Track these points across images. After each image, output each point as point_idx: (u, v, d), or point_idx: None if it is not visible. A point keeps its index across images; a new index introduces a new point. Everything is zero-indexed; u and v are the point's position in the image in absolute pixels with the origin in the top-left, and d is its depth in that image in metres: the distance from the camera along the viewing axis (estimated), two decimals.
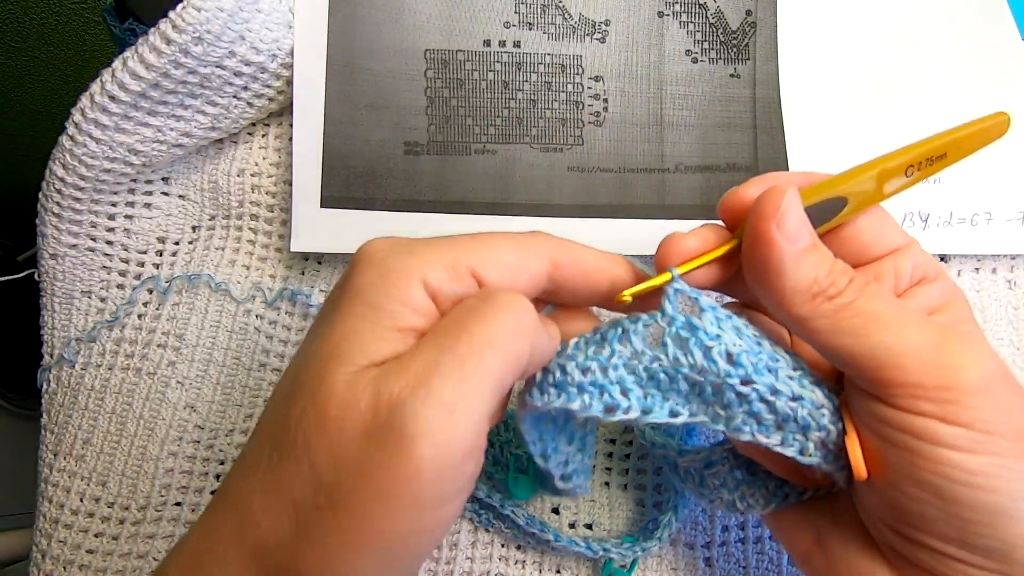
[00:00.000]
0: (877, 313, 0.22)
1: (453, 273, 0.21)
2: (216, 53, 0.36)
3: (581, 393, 0.23)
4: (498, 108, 0.40)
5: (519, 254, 0.23)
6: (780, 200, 0.23)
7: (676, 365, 0.23)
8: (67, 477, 0.37)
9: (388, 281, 0.21)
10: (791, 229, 0.23)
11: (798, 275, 0.23)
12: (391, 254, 0.22)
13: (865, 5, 0.42)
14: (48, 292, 0.40)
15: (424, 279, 0.21)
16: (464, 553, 0.35)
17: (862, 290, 0.23)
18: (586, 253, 0.24)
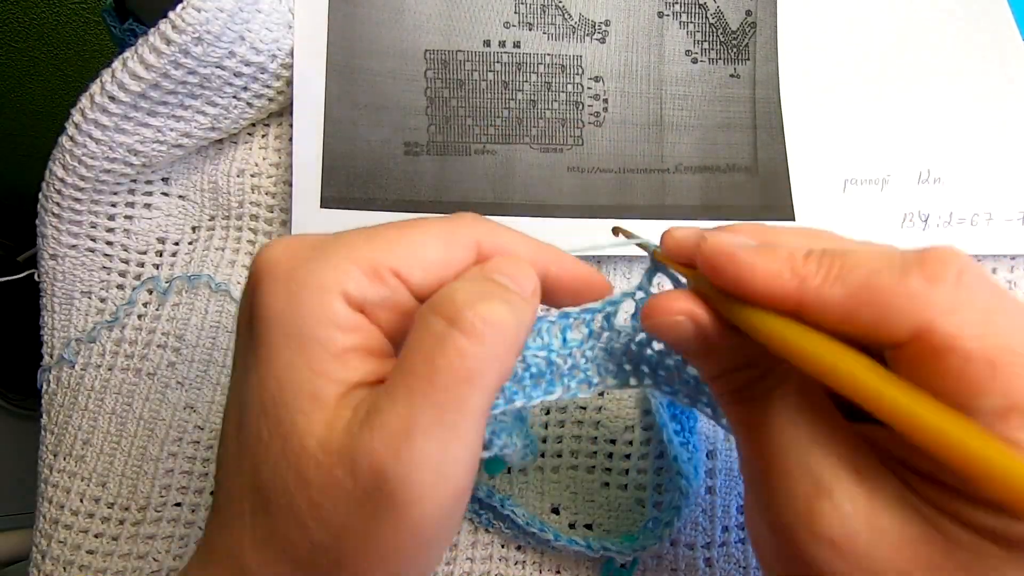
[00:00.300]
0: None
1: (373, 277, 0.19)
2: (216, 53, 0.36)
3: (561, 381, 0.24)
4: (498, 108, 0.40)
5: (444, 248, 0.20)
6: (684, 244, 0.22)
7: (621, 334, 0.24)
8: (67, 477, 0.37)
9: (302, 304, 0.18)
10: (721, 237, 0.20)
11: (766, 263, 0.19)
12: (297, 265, 0.19)
13: (865, 5, 0.42)
14: (48, 292, 0.40)
15: (343, 292, 0.19)
16: (464, 553, 0.35)
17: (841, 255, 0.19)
18: (517, 241, 0.22)
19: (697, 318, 0.21)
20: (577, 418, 0.37)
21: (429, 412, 0.17)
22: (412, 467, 0.17)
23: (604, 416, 0.37)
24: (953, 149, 0.40)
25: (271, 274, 0.19)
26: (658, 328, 0.21)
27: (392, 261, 0.19)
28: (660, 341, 0.24)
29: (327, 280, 0.18)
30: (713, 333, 0.21)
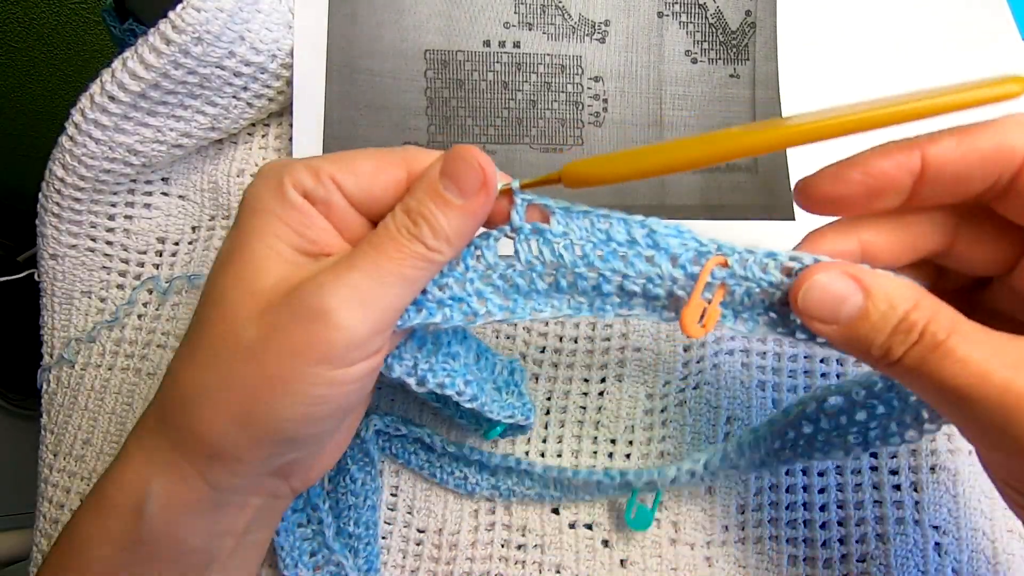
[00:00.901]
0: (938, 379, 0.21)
1: (314, 177, 0.24)
2: (216, 53, 0.36)
3: (441, 307, 0.26)
4: (498, 108, 0.40)
5: (374, 162, 0.25)
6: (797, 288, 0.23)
7: (529, 267, 0.26)
8: (67, 477, 0.37)
9: (262, 189, 0.24)
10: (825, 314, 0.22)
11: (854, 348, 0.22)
12: (268, 169, 0.25)
13: (865, 5, 0.42)
14: (48, 292, 0.40)
15: (292, 182, 0.24)
16: (464, 553, 0.35)
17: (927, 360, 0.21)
18: (432, 156, 0.26)
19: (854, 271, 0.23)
20: (577, 418, 0.37)
21: (370, 261, 0.23)
22: (343, 288, 0.22)
23: (604, 416, 0.37)
24: None
25: (255, 178, 0.25)
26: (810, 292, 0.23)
27: (331, 169, 0.24)
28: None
29: (281, 175, 0.24)
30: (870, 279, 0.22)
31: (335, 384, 0.23)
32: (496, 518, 0.36)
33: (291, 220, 0.24)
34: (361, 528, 0.34)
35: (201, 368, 0.24)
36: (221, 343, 0.23)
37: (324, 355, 0.22)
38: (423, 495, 0.36)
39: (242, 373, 0.23)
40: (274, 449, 0.24)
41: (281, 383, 0.23)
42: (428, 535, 0.35)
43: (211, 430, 0.24)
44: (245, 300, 0.23)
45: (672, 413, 0.36)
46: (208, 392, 0.24)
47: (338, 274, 0.23)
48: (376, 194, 0.25)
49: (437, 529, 0.35)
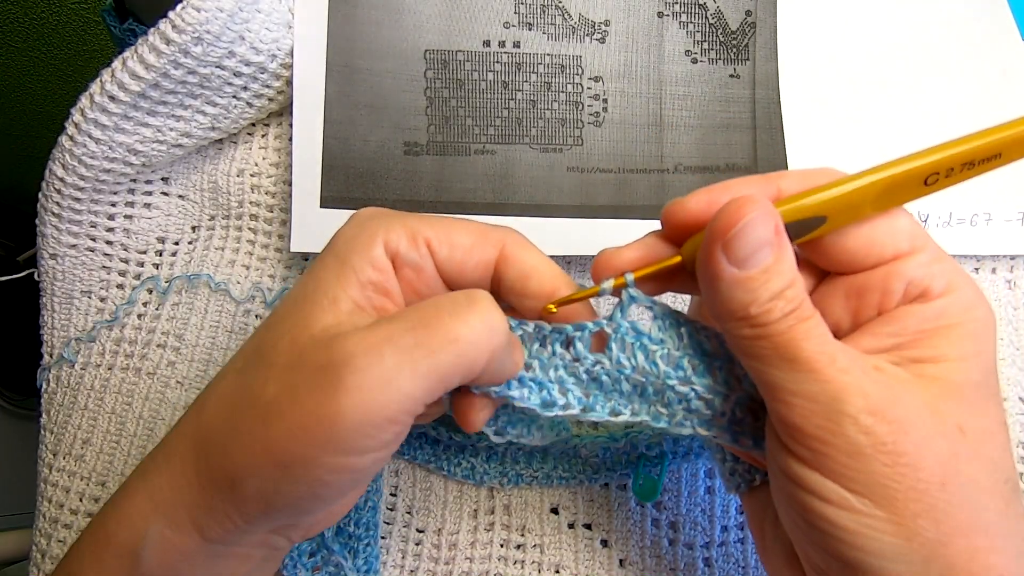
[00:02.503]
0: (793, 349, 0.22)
1: (410, 239, 0.24)
2: (216, 53, 0.36)
3: (520, 386, 0.25)
4: (498, 108, 0.40)
5: (474, 238, 0.25)
6: (734, 220, 0.22)
7: (619, 368, 0.25)
8: (67, 477, 0.37)
9: (352, 239, 0.24)
10: (740, 254, 0.22)
11: (732, 299, 0.22)
12: (367, 217, 0.25)
13: (865, 5, 0.42)
14: (48, 292, 0.40)
15: (385, 240, 0.24)
16: (464, 553, 0.35)
17: (793, 328, 0.22)
18: (537, 256, 0.25)
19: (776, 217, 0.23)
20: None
21: (409, 340, 0.21)
22: (368, 364, 0.20)
23: None
24: None
25: (350, 220, 0.25)
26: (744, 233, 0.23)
27: (428, 233, 0.24)
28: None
29: (377, 229, 0.24)
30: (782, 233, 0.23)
31: (341, 470, 0.22)
32: (496, 518, 0.36)
33: (363, 276, 0.23)
34: (361, 529, 0.34)
35: (226, 415, 0.23)
36: (247, 393, 0.23)
37: (329, 438, 0.21)
38: (423, 495, 0.36)
39: (254, 436, 0.22)
40: (266, 516, 0.23)
41: (287, 460, 0.21)
42: (428, 535, 0.35)
43: (210, 482, 0.23)
44: (284, 349, 0.22)
45: None
46: (224, 442, 0.23)
47: (377, 329, 0.21)
48: (467, 270, 0.25)
49: (437, 529, 0.35)
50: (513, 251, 0.25)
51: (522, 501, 0.36)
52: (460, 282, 0.25)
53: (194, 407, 0.25)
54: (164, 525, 0.23)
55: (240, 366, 0.24)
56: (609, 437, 0.34)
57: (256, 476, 0.22)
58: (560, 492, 0.36)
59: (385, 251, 0.24)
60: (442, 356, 0.21)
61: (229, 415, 0.23)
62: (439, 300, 0.23)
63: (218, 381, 0.24)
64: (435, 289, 0.25)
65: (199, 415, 0.24)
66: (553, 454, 0.35)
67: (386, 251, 0.24)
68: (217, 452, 0.23)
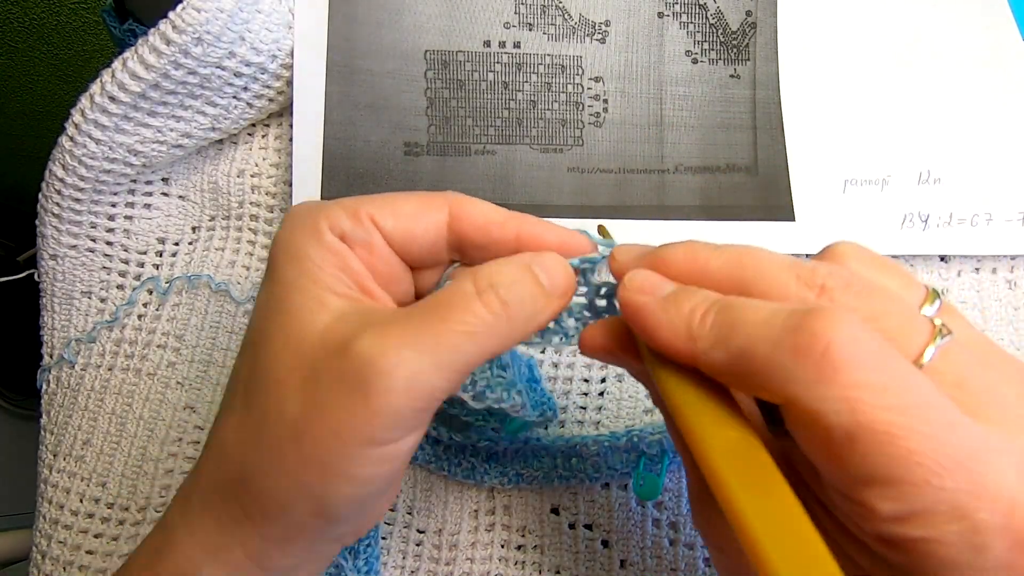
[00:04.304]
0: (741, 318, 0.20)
1: (353, 218, 0.23)
2: (216, 54, 0.36)
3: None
4: (498, 109, 0.40)
5: (417, 204, 0.24)
6: (624, 268, 0.23)
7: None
8: (67, 478, 0.37)
9: (299, 233, 0.23)
10: (640, 283, 0.22)
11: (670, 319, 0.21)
12: (302, 211, 0.24)
13: (865, 6, 0.42)
14: (48, 292, 0.40)
15: (329, 224, 0.23)
16: (464, 554, 0.35)
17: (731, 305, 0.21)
18: (490, 208, 0.25)
19: (614, 357, 0.24)
20: (577, 418, 0.37)
21: (427, 340, 0.21)
22: (394, 366, 0.20)
23: (604, 416, 0.37)
24: (953, 149, 0.40)
25: (288, 219, 0.24)
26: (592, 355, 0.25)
27: (370, 208, 0.24)
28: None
29: (318, 217, 0.23)
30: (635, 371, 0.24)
31: (383, 462, 0.22)
32: (496, 518, 0.36)
33: (328, 265, 0.23)
34: None
35: (251, 446, 0.22)
36: (266, 418, 0.22)
37: (368, 437, 0.21)
38: (423, 495, 0.36)
39: (288, 455, 0.22)
40: (323, 530, 0.23)
41: (323, 467, 0.21)
42: (428, 535, 0.35)
43: (262, 511, 0.22)
44: (292, 367, 0.22)
45: None
46: (260, 472, 0.22)
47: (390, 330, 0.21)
48: (416, 235, 0.24)
49: (437, 529, 0.35)
50: (463, 208, 0.24)
51: (523, 501, 0.36)
52: (413, 250, 0.24)
53: (209, 454, 0.24)
54: (218, 568, 0.23)
55: (241, 401, 0.23)
56: (610, 436, 0.34)
57: (303, 496, 0.22)
58: (560, 492, 0.36)
59: (332, 234, 0.23)
60: (463, 349, 0.21)
61: (255, 445, 0.22)
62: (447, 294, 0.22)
63: (224, 421, 0.24)
64: (390, 263, 0.24)
65: (220, 457, 0.23)
66: (553, 453, 0.35)
67: (333, 234, 0.23)
68: (256, 483, 0.22)
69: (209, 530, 0.23)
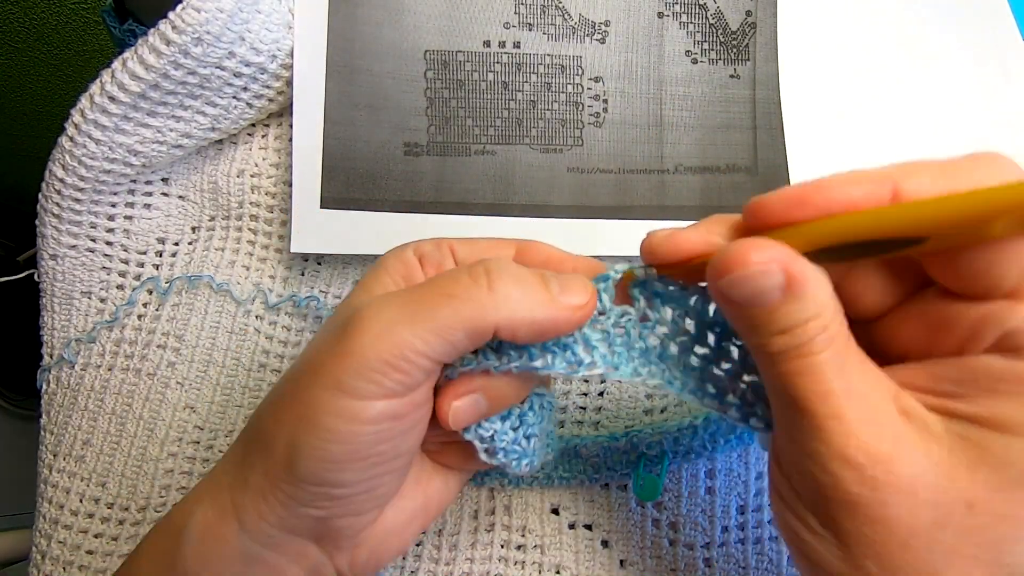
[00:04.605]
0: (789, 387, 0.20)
1: (436, 245, 0.27)
2: (216, 54, 0.36)
3: (543, 353, 0.24)
4: (498, 109, 0.40)
5: (493, 241, 0.28)
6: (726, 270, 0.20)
7: (644, 320, 0.24)
8: (66, 477, 0.37)
9: (392, 251, 0.28)
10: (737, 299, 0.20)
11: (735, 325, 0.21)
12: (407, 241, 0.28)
13: (865, 6, 0.42)
14: (48, 293, 0.40)
15: (415, 247, 0.28)
16: (464, 554, 0.35)
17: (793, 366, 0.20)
18: (556, 249, 0.28)
19: (789, 263, 0.20)
20: (577, 418, 0.37)
21: (407, 298, 0.23)
22: (373, 314, 0.23)
23: (604, 416, 0.37)
24: (953, 149, 0.40)
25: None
26: (741, 282, 0.20)
27: (452, 241, 0.28)
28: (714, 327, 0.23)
29: (410, 243, 0.28)
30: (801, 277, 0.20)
31: (347, 417, 0.23)
32: (496, 519, 0.36)
33: (393, 271, 0.27)
34: None
35: (270, 392, 0.26)
36: (289, 369, 0.26)
37: (336, 378, 0.23)
38: None
39: (284, 395, 0.24)
40: (292, 488, 0.24)
41: (301, 409, 0.23)
42: (428, 535, 0.35)
43: (252, 449, 0.25)
44: (326, 327, 0.26)
45: (672, 413, 0.36)
46: (264, 411, 0.25)
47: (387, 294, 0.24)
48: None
49: (437, 530, 0.35)
50: (530, 244, 0.28)
51: (522, 502, 0.36)
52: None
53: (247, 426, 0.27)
54: (208, 506, 0.25)
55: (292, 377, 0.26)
56: (610, 437, 0.34)
57: (281, 437, 0.24)
58: (561, 492, 0.36)
59: (413, 254, 0.27)
60: (438, 310, 0.23)
61: (272, 392, 0.26)
62: (446, 271, 0.26)
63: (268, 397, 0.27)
64: None
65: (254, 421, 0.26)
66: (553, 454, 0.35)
67: (415, 254, 0.27)
68: (256, 422, 0.25)
69: (214, 474, 0.26)
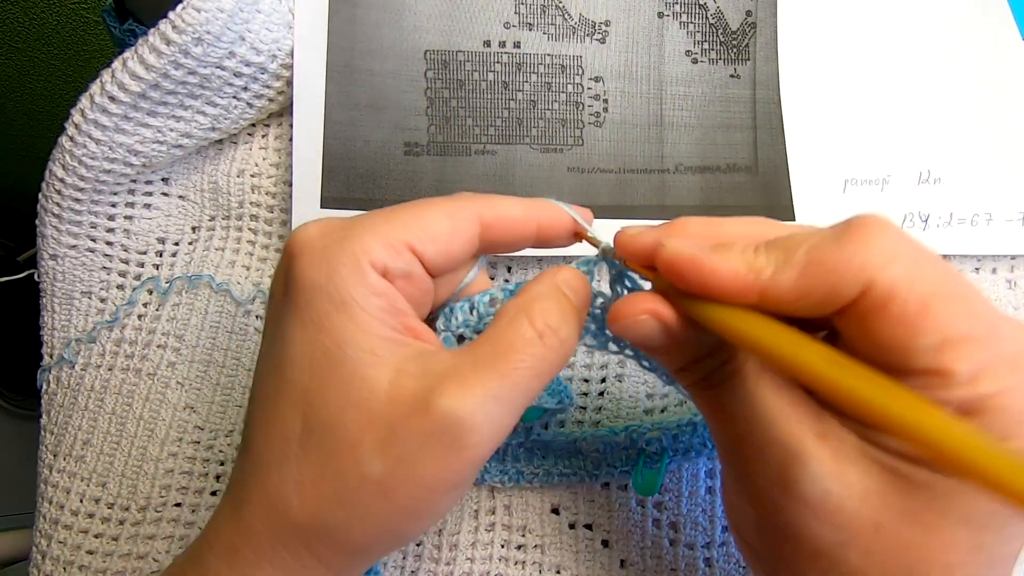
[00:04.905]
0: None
1: (392, 250, 0.23)
2: (216, 54, 0.36)
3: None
4: (498, 109, 0.40)
5: (450, 222, 0.24)
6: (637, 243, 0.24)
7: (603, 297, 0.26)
8: (67, 478, 0.37)
9: (339, 274, 0.22)
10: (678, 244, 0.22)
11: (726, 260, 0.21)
12: (329, 243, 0.23)
13: (865, 6, 0.42)
14: (48, 292, 0.40)
15: (371, 261, 0.22)
16: (464, 554, 0.35)
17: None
18: (512, 206, 0.25)
19: (661, 316, 0.23)
20: (577, 417, 0.37)
21: (504, 390, 0.22)
22: (481, 423, 0.21)
23: (604, 416, 0.37)
24: (953, 149, 0.40)
25: (308, 250, 0.23)
26: (624, 329, 0.23)
27: (406, 236, 0.23)
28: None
29: (357, 252, 0.22)
30: (677, 329, 0.23)
31: (460, 496, 0.24)
32: (496, 518, 0.36)
33: (376, 310, 0.22)
34: None
35: (333, 504, 0.22)
36: (345, 477, 0.22)
37: (457, 483, 0.23)
38: None
39: (374, 509, 0.22)
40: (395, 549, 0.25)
41: (413, 513, 0.23)
42: (428, 535, 0.35)
43: (343, 557, 0.23)
44: (363, 426, 0.22)
45: (672, 413, 0.36)
46: (346, 526, 0.22)
47: (468, 383, 0.22)
48: (454, 254, 0.24)
49: (437, 530, 0.35)
50: (491, 214, 0.25)
51: (523, 501, 0.36)
52: (447, 266, 0.25)
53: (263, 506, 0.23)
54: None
55: (300, 458, 0.22)
56: (609, 432, 0.34)
57: (389, 538, 0.23)
58: (561, 492, 0.36)
59: (375, 272, 0.22)
60: (533, 388, 0.23)
61: (337, 502, 0.22)
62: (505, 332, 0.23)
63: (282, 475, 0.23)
64: (426, 288, 0.24)
65: (284, 512, 0.22)
66: (553, 450, 0.35)
67: (376, 272, 0.22)
68: (340, 535, 0.22)
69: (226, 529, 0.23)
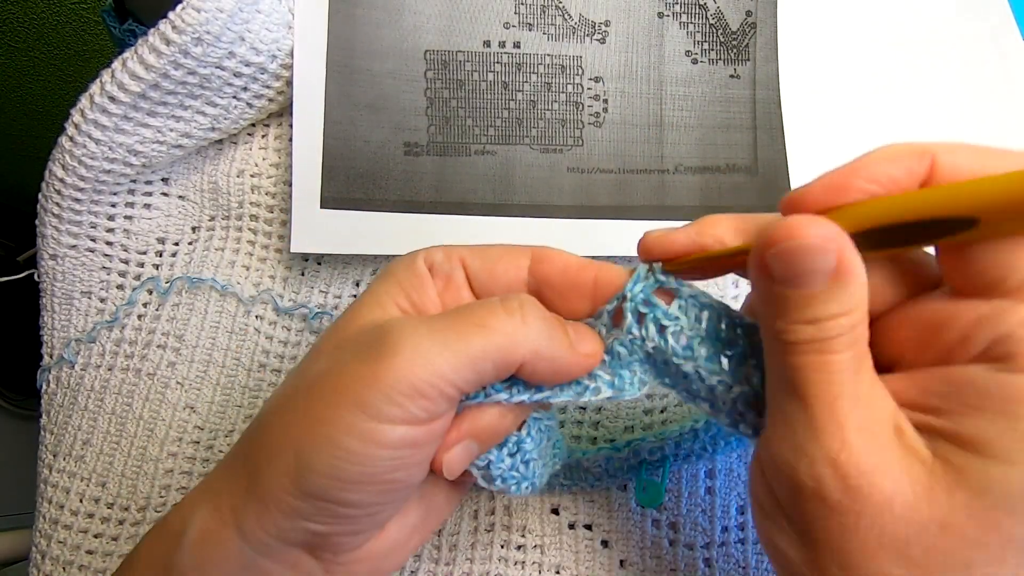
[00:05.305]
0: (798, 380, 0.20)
1: (446, 255, 0.26)
2: (216, 54, 0.36)
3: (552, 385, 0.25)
4: (498, 109, 0.40)
5: (504, 249, 0.26)
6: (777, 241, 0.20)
7: (631, 338, 0.25)
8: (66, 478, 0.37)
9: (401, 258, 0.27)
10: (781, 276, 0.20)
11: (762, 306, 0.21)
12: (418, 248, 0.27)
13: (865, 6, 0.42)
14: (48, 292, 0.40)
15: (425, 256, 0.26)
16: (464, 554, 0.35)
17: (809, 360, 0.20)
18: (570, 255, 0.26)
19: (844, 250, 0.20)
20: (577, 418, 0.37)
21: (440, 325, 0.23)
22: (405, 337, 0.22)
23: (604, 416, 0.37)
24: None
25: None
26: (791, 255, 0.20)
27: (463, 252, 0.26)
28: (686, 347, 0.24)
29: (419, 251, 0.27)
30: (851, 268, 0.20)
31: (366, 439, 0.22)
32: (496, 519, 0.36)
33: (405, 282, 0.26)
34: None
35: (274, 399, 0.25)
36: (296, 379, 0.25)
37: (361, 398, 0.22)
38: None
39: (291, 407, 0.24)
40: (297, 502, 0.23)
41: (317, 424, 0.23)
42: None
43: (254, 460, 0.24)
44: (332, 339, 0.25)
45: (672, 413, 0.36)
46: (267, 423, 0.24)
47: (416, 318, 0.24)
48: (497, 274, 0.26)
49: (437, 530, 0.35)
50: (546, 252, 0.26)
51: (522, 502, 0.36)
52: (492, 287, 0.26)
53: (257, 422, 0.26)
54: (208, 511, 0.24)
55: (296, 366, 0.26)
56: (612, 448, 0.34)
57: (287, 449, 0.23)
58: (561, 493, 0.36)
59: (424, 263, 0.26)
60: (472, 339, 0.23)
61: (278, 399, 0.25)
62: (479, 300, 0.25)
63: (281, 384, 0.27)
64: (461, 297, 0.26)
65: (255, 419, 0.26)
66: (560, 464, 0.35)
67: (424, 263, 0.26)
68: (259, 433, 0.24)
69: (212, 479, 0.25)
